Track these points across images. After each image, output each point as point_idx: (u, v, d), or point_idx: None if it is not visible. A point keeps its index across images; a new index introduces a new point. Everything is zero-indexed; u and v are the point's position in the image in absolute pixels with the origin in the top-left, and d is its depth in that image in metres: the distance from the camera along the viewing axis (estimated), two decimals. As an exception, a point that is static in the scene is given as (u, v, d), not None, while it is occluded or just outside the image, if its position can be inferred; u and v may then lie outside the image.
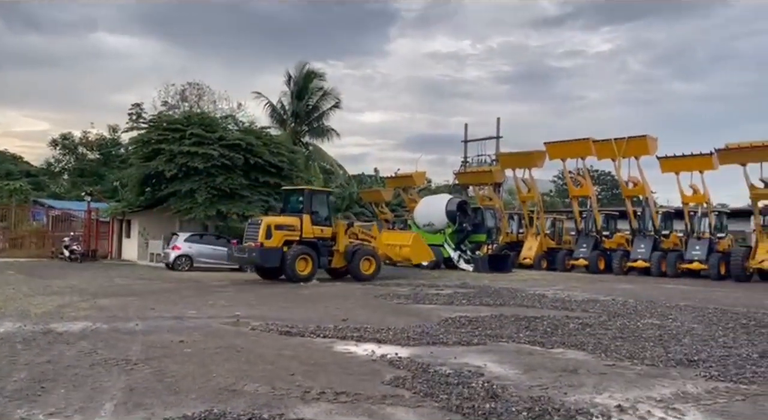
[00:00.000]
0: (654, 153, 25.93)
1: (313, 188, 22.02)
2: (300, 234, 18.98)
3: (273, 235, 18.60)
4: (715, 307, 13.78)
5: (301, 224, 19.05)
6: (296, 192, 20.57)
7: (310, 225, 19.17)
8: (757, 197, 23.33)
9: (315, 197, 19.94)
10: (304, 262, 18.81)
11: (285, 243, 18.76)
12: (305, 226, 19.08)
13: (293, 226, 19.01)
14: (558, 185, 53.86)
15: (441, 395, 5.80)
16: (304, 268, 18.79)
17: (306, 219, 19.14)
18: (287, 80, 39.20)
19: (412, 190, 34.60)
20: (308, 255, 18.91)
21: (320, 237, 19.43)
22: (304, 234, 19.03)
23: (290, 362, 7.23)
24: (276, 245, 18.58)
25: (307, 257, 18.88)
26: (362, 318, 11.05)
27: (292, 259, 18.48)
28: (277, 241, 18.63)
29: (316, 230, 19.33)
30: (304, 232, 19.04)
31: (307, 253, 18.91)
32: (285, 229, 18.88)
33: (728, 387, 6.44)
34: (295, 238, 18.93)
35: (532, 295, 15.82)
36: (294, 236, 18.92)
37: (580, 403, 5.64)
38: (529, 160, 29.42)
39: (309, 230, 19.13)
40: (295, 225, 19.05)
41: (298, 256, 18.62)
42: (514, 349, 8.47)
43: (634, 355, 8.02)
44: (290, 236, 18.86)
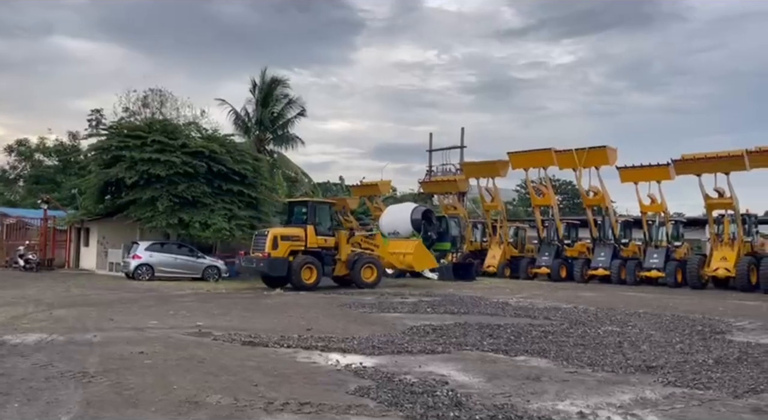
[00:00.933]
0: (614, 163, 26.56)
1: (316, 200, 22.92)
2: (305, 244, 19.79)
3: (279, 245, 19.39)
4: (672, 314, 14.12)
5: (306, 235, 19.83)
6: (300, 204, 21.41)
7: (314, 235, 19.98)
8: (712, 207, 24.07)
9: (318, 209, 20.80)
10: (309, 270, 19.60)
11: (291, 253, 19.55)
12: (309, 236, 19.88)
13: (298, 237, 19.83)
14: (521, 194, 54.61)
15: (406, 404, 5.80)
16: (310, 276, 19.58)
17: (310, 230, 19.96)
18: (252, 87, 38.90)
19: (378, 198, 34.67)
20: (313, 264, 19.69)
21: (324, 247, 20.24)
22: (308, 244, 19.83)
23: (253, 373, 7.13)
24: (282, 255, 19.36)
25: (311, 266, 19.65)
26: (327, 327, 10.98)
27: (297, 268, 19.28)
28: (283, 251, 19.41)
29: (320, 240, 20.12)
30: (308, 242, 19.83)
31: (312, 262, 19.70)
32: (290, 240, 19.69)
33: (685, 392, 6.59)
34: (300, 247, 19.73)
35: (496, 303, 15.98)
36: (299, 246, 19.72)
37: (543, 411, 5.70)
38: (493, 170, 29.80)
39: (313, 240, 19.94)
40: (300, 235, 19.86)
41: (303, 265, 19.42)
42: (478, 357, 8.53)
43: (594, 362, 8.16)
44: (295, 246, 19.67)
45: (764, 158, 21.84)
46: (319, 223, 20.40)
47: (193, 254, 23.63)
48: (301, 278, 19.32)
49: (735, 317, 13.92)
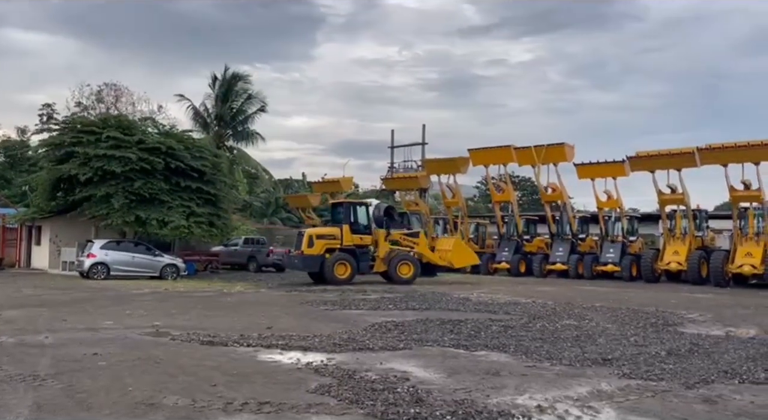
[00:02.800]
0: (571, 160, 27.10)
1: (353, 201, 24.84)
2: (341, 242, 21.30)
3: (315, 243, 21.12)
4: (627, 307, 14.48)
5: (342, 233, 21.31)
6: (339, 205, 23.16)
7: (349, 234, 21.49)
8: (665, 202, 24.78)
9: (354, 209, 22.52)
10: (343, 267, 21.07)
11: (327, 250, 21.12)
12: (345, 235, 21.40)
13: (334, 235, 21.45)
14: (481, 191, 55.22)
15: (366, 402, 5.78)
16: (344, 272, 21.02)
17: (346, 229, 21.50)
18: (212, 83, 38.34)
19: (340, 195, 34.55)
20: (346, 261, 21.12)
21: (359, 244, 21.71)
22: (344, 242, 21.35)
23: (212, 373, 7.02)
24: (317, 253, 21.00)
25: (345, 263, 21.09)
26: (288, 325, 10.89)
27: (330, 265, 20.80)
28: (318, 249, 21.05)
29: (356, 238, 21.64)
30: (344, 241, 21.35)
31: (346, 259, 21.14)
32: (326, 239, 21.37)
33: (639, 384, 6.76)
34: (336, 245, 21.28)
35: (457, 298, 16.11)
36: (335, 244, 21.29)
37: (502, 405, 5.76)
38: (454, 166, 30.03)
39: (349, 238, 21.45)
40: (336, 234, 21.47)
41: (336, 261, 20.92)
42: (439, 352, 8.57)
43: (553, 355, 8.29)
44: (331, 244, 21.27)
45: (714, 155, 22.57)
46: (355, 223, 21.95)
47: (151, 252, 23.17)
48: (334, 274, 20.76)
49: (687, 310, 14.35)
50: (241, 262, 29.76)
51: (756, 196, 22.56)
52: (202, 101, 38.56)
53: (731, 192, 22.95)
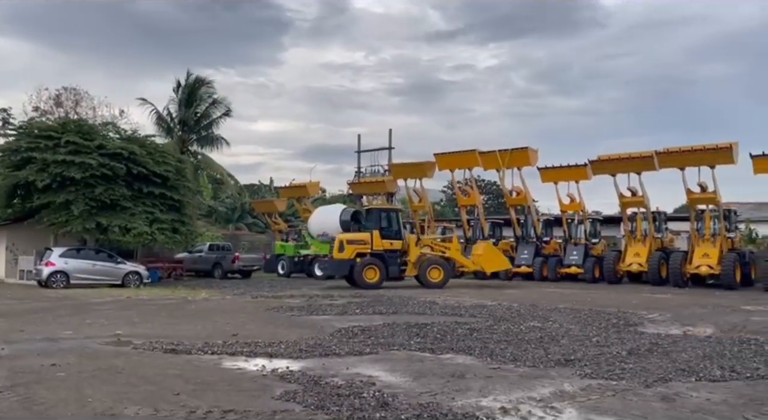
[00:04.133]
0: (535, 164, 27.49)
1: (382, 207, 25.35)
2: (371, 247, 21.82)
3: (345, 248, 21.71)
4: (590, 308, 14.74)
5: (371, 238, 21.79)
6: (370, 211, 23.67)
7: (379, 239, 22.04)
8: (626, 205, 25.34)
9: (384, 215, 23.15)
10: (372, 271, 21.65)
11: (358, 255, 21.67)
12: (375, 240, 21.96)
13: (364, 241, 21.94)
14: (448, 195, 55.60)
15: (332, 407, 5.77)
16: (373, 276, 21.61)
17: (376, 234, 22.04)
18: (175, 87, 37.81)
19: (306, 200, 34.42)
20: (375, 265, 21.68)
21: (389, 249, 22.24)
22: (374, 247, 21.91)
23: (175, 381, 6.91)
24: (347, 257, 21.61)
25: (374, 267, 21.63)
26: (253, 332, 10.79)
27: (360, 269, 21.44)
28: (348, 253, 21.64)
29: (386, 243, 22.18)
30: (374, 246, 21.91)
31: (375, 263, 21.70)
32: (356, 244, 21.86)
33: (600, 384, 6.89)
34: (367, 250, 21.84)
35: (424, 302, 16.18)
36: (365, 249, 21.85)
37: (467, 407, 5.81)
38: (420, 171, 30.17)
39: (378, 244, 22.01)
40: (366, 239, 21.97)
41: (365, 266, 21.55)
42: (405, 356, 8.60)
43: (517, 357, 8.40)
44: (361, 249, 21.82)
45: (672, 159, 23.18)
46: (385, 228, 22.53)
47: (113, 260, 22.72)
48: (363, 278, 21.39)
49: (647, 310, 14.68)
50: (206, 268, 29.39)
51: (712, 199, 23.23)
52: (166, 105, 38.03)
53: (688, 194, 23.58)
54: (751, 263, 24.00)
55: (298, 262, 29.69)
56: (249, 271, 29.55)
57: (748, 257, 24.23)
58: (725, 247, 23.39)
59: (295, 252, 30.12)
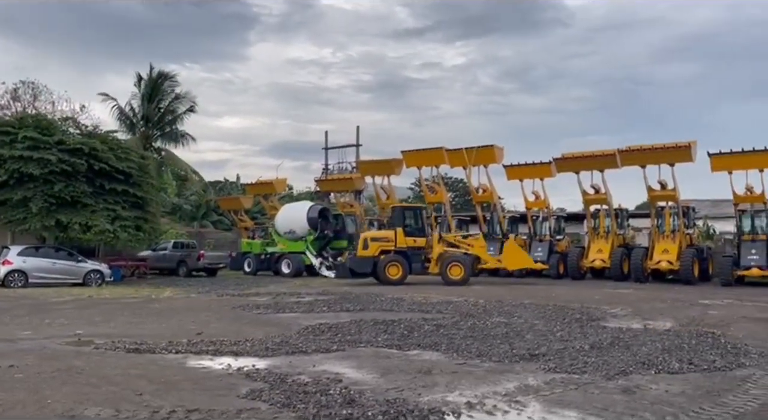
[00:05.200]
0: (501, 161, 27.78)
1: (405, 205, 26.17)
2: (394, 244, 22.34)
3: (369, 246, 22.39)
4: (554, 303, 14.97)
5: (395, 236, 22.40)
6: (396, 209, 24.21)
7: (403, 236, 22.55)
8: (589, 202, 25.81)
9: (407, 212, 23.72)
10: (395, 268, 22.06)
11: (382, 252, 22.28)
12: (399, 237, 22.50)
13: (388, 238, 22.65)
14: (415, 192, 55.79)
15: (298, 405, 5.74)
16: (396, 273, 21.99)
17: (399, 231, 22.62)
18: (137, 82, 37.07)
19: (273, 197, 34.16)
20: (398, 262, 22.09)
21: (413, 246, 22.73)
22: (397, 244, 22.44)
23: (138, 381, 6.79)
24: (371, 254, 22.28)
25: (397, 264, 22.06)
26: (218, 331, 10.67)
27: (382, 266, 21.95)
28: (373, 251, 22.32)
29: (409, 241, 22.66)
30: (397, 243, 22.45)
31: (397, 260, 22.14)
32: (381, 241, 22.58)
33: (564, 377, 7.01)
34: (391, 248, 22.42)
35: (391, 299, 16.22)
36: (389, 246, 22.43)
37: (433, 403, 5.85)
38: (388, 168, 30.21)
39: (402, 241, 22.53)
40: (390, 237, 22.68)
41: (388, 263, 22.01)
42: (372, 353, 8.62)
43: (483, 352, 8.49)
44: (386, 247, 22.43)
45: (633, 157, 23.70)
46: (408, 225, 22.97)
47: (73, 258, 22.17)
48: (386, 275, 21.82)
49: (609, 305, 14.99)
50: (171, 266, 28.92)
51: (671, 196, 23.83)
52: (128, 101, 37.26)
53: (649, 192, 24.15)
54: (708, 259, 24.72)
55: (264, 259, 29.43)
56: (214, 269, 29.19)
57: (706, 253, 24.95)
58: (684, 243, 24.02)
59: (261, 249, 29.87)
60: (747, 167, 22.18)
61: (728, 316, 13.02)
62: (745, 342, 9.40)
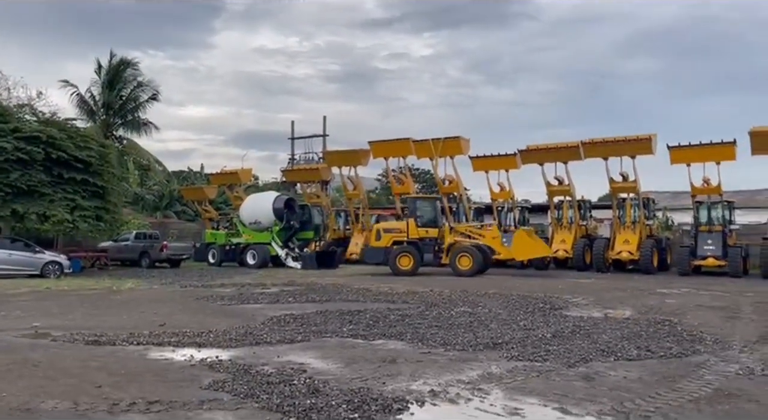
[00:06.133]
0: (467, 153, 27.95)
1: (418, 195, 25.91)
2: (407, 235, 22.48)
3: (382, 237, 22.76)
4: (518, 293, 15.18)
5: (407, 227, 22.58)
6: (409, 200, 24.39)
7: (414, 227, 22.60)
8: (553, 193, 26.19)
9: (419, 203, 23.74)
10: (406, 258, 22.15)
11: (395, 243, 22.52)
12: (411, 228, 22.61)
13: (400, 229, 22.88)
14: (383, 183, 55.83)
15: (262, 395, 5.71)
16: (407, 264, 22.07)
17: (411, 222, 22.74)
18: (97, 69, 36.14)
19: (238, 187, 33.76)
20: (410, 253, 22.18)
21: (425, 237, 22.67)
22: (410, 235, 22.55)
23: (97, 374, 6.65)
24: (384, 245, 22.61)
25: (408, 255, 22.16)
26: (182, 322, 10.52)
27: (393, 257, 22.14)
28: (385, 241, 22.64)
29: (421, 231, 22.65)
30: (410, 234, 22.56)
31: (409, 251, 22.23)
32: (393, 232, 22.84)
33: (526, 365, 7.12)
34: (403, 238, 22.59)
35: (358, 289, 16.23)
36: (402, 237, 22.63)
37: (397, 391, 5.88)
38: (355, 159, 30.12)
39: (414, 232, 22.59)
40: (402, 228, 22.88)
41: (399, 253, 22.19)
42: (338, 343, 8.61)
43: (447, 341, 8.56)
44: (398, 237, 22.67)
45: (596, 149, 24.12)
46: (421, 216, 22.97)
47: (30, 249, 21.57)
48: (397, 266, 21.96)
49: (571, 294, 15.27)
50: (133, 257, 28.36)
51: (633, 188, 24.35)
52: (88, 88, 36.31)
53: (611, 183, 24.63)
54: (667, 249, 25.40)
55: (229, 250, 29.10)
56: (178, 260, 28.74)
57: (665, 243, 25.62)
58: (644, 234, 24.60)
59: (226, 240, 29.52)
60: (704, 160, 22.77)
61: (685, 304, 13.41)
62: (700, 329, 9.69)
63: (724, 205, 23.60)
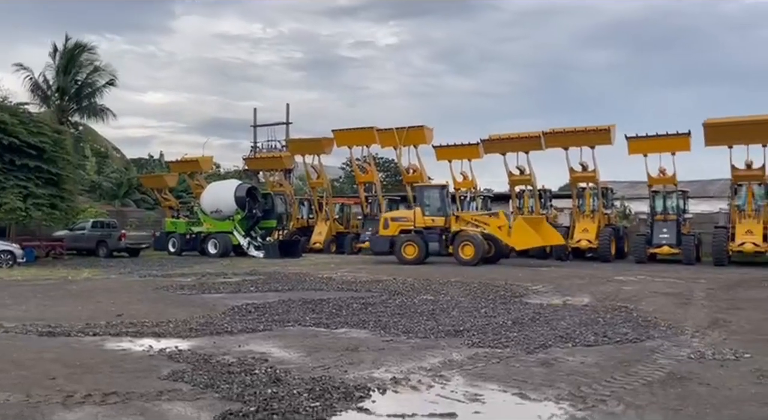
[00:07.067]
0: (430, 142, 28.06)
1: (424, 184, 25.01)
2: (413, 224, 22.20)
3: (390, 226, 22.53)
4: (480, 281, 15.33)
5: (414, 216, 22.35)
6: (417, 188, 24.02)
7: (421, 216, 22.33)
8: (514, 183, 26.49)
9: (425, 191, 23.33)
10: (411, 247, 21.92)
11: (402, 232, 22.26)
12: (417, 217, 22.37)
13: (407, 218, 22.68)
14: (346, 172, 55.64)
15: (222, 385, 5.65)
16: (412, 253, 21.81)
17: (418, 211, 22.54)
18: (51, 52, 34.95)
19: (199, 175, 33.23)
20: (414, 242, 21.94)
21: (431, 226, 22.23)
22: (416, 224, 22.28)
23: (52, 365, 6.49)
24: (390, 234, 22.43)
25: (412, 244, 21.91)
26: (140, 312, 10.33)
27: (398, 246, 21.97)
28: (392, 230, 22.42)
29: (427, 220, 22.30)
30: (416, 222, 22.29)
31: (414, 240, 21.99)
32: (400, 221, 22.67)
33: (486, 352, 7.22)
34: (410, 227, 22.29)
35: (321, 278, 16.18)
36: (408, 226, 22.35)
37: (359, 379, 5.90)
38: (318, 147, 29.93)
39: (420, 220, 22.33)
40: (409, 217, 22.70)
41: (404, 243, 21.97)
42: (300, 332, 8.58)
43: (409, 329, 8.61)
44: (405, 226, 22.40)
45: (556, 139, 24.47)
46: (428, 205, 22.69)
47: (-19, 238, 20.83)
48: (402, 255, 21.79)
49: (532, 282, 15.51)
50: (90, 247, 27.65)
51: (592, 177, 24.80)
52: (42, 72, 35.10)
53: (571, 173, 25.03)
54: (624, 238, 26.00)
55: (190, 239, 28.62)
56: (137, 250, 28.15)
57: (622, 232, 26.21)
58: (602, 223, 25.10)
59: (186, 229, 29.01)
60: (660, 150, 23.33)
61: (640, 291, 13.77)
62: (655, 315, 9.97)
63: (678, 194, 24.24)
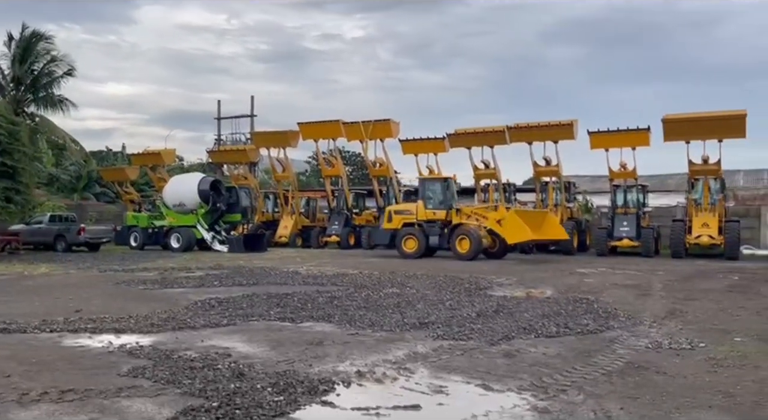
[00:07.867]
0: (397, 136, 28.11)
1: (427, 177, 25.06)
2: (416, 217, 22.22)
3: (393, 219, 22.66)
4: (445, 274, 15.45)
5: (417, 209, 22.42)
6: (420, 181, 24.35)
7: (423, 209, 22.41)
8: (480, 177, 26.77)
9: (429, 184, 23.37)
10: (412, 241, 22.03)
11: (405, 225, 22.36)
12: (419, 210, 22.44)
13: (410, 211, 22.68)
14: (313, 166, 55.34)
15: (184, 381, 5.56)
16: (413, 246, 21.93)
17: (420, 204, 22.59)
18: (6, 41, 33.75)
19: (161, 168, 32.64)
20: (415, 235, 22.03)
21: (431, 219, 22.26)
22: (418, 217, 22.33)
23: (6, 363, 6.29)
24: (393, 227, 22.53)
25: (414, 237, 22.00)
26: (99, 307, 10.09)
27: (399, 239, 22.10)
28: (396, 223, 22.53)
29: (429, 213, 22.36)
30: (418, 216, 22.35)
31: (414, 233, 22.07)
32: (403, 214, 22.69)
33: (451, 344, 7.27)
34: (412, 220, 22.36)
35: (286, 272, 16.07)
36: (411, 219, 22.41)
37: (324, 373, 5.87)
38: (283, 140, 29.71)
39: (422, 214, 22.40)
40: (412, 210, 22.66)
41: (404, 236, 22.09)
42: (264, 326, 8.50)
43: (375, 322, 8.61)
44: (407, 219, 22.47)
45: (521, 134, 24.77)
46: (430, 198, 22.75)
47: (-69, 233, 20.09)
48: (402, 248, 21.94)
49: (496, 275, 15.70)
50: (47, 241, 26.95)
51: (555, 171, 25.22)
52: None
53: (535, 167, 25.40)
54: (586, 231, 26.53)
55: (152, 233, 28.12)
56: (97, 244, 27.54)
57: (585, 225, 26.75)
58: (565, 216, 25.55)
59: (148, 223, 28.50)
60: (621, 145, 23.84)
61: (601, 283, 14.06)
62: (615, 307, 10.19)
63: (638, 188, 24.80)
